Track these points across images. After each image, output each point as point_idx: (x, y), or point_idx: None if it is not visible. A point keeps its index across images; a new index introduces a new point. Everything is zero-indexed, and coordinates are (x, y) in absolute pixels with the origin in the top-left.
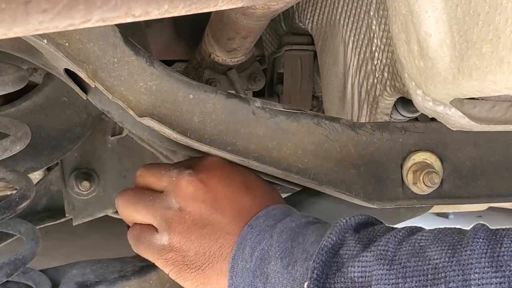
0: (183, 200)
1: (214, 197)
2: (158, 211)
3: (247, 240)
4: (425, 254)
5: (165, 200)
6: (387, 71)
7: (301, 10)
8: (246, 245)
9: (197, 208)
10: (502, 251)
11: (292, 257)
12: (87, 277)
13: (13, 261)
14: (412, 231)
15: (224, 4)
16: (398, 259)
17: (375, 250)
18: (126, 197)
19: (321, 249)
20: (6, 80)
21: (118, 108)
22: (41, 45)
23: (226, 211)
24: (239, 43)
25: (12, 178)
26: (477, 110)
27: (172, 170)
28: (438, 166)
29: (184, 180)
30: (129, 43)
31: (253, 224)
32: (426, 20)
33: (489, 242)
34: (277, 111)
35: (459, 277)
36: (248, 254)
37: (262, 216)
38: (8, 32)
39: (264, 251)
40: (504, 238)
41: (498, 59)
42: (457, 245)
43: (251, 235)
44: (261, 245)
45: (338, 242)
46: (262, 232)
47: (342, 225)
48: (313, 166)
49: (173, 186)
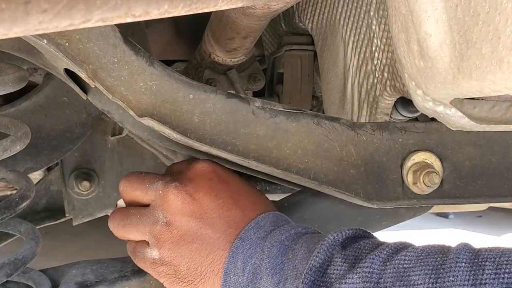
0: (170, 215)
1: (202, 211)
2: (146, 227)
3: (239, 254)
4: (409, 278)
5: (153, 215)
6: (387, 71)
7: (301, 10)
8: (237, 259)
9: (185, 222)
10: (484, 279)
11: (283, 274)
12: (87, 277)
13: (13, 261)
14: (397, 248)
15: (224, 4)
16: (384, 282)
17: (361, 272)
18: (115, 221)
19: (309, 269)
20: (6, 80)
21: (118, 108)
22: (41, 45)
23: (215, 225)
24: (239, 43)
25: (12, 178)
26: (477, 110)
27: (157, 182)
28: (438, 166)
29: (170, 193)
30: (129, 43)
31: (243, 237)
32: (426, 20)
33: (471, 267)
34: (277, 111)
35: None
36: (240, 269)
37: (252, 228)
38: (8, 32)
39: (256, 266)
40: (486, 262)
41: (498, 59)
42: (439, 270)
43: (242, 248)
44: (252, 259)
45: (326, 260)
46: (253, 246)
47: (330, 242)
48: (313, 166)
49: (160, 199)
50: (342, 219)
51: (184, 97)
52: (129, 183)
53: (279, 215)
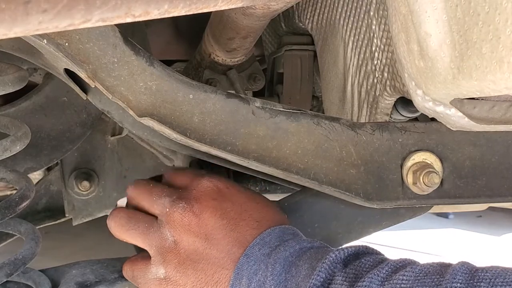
0: (177, 234)
1: (207, 231)
2: (153, 241)
3: (244, 270)
4: None
5: (160, 230)
6: (387, 71)
7: (301, 10)
8: (243, 276)
9: (191, 242)
10: None
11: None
12: (87, 277)
13: (13, 261)
14: (396, 267)
15: (224, 4)
16: None
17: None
18: (119, 221)
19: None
20: (6, 80)
21: (118, 108)
22: (41, 45)
23: (220, 244)
24: (239, 43)
25: (12, 178)
26: (477, 110)
27: (165, 197)
28: (438, 166)
29: (177, 213)
30: (129, 43)
31: (249, 253)
32: (426, 20)
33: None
34: (277, 111)
35: None
36: (245, 285)
37: (257, 245)
38: (8, 32)
39: (260, 282)
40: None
41: (498, 59)
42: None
43: (247, 265)
44: (257, 276)
45: (327, 278)
46: (257, 262)
47: (332, 260)
48: (313, 166)
49: (167, 217)
50: (342, 219)
51: (184, 97)
52: (137, 192)
53: (285, 229)
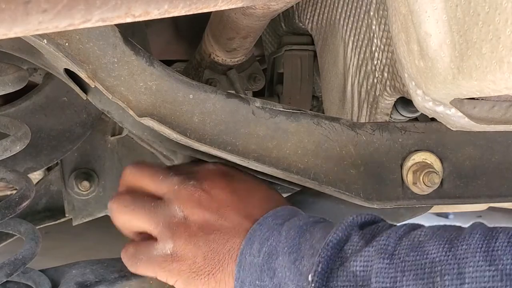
0: (187, 208)
1: (218, 205)
2: (161, 218)
3: (256, 236)
4: (423, 248)
5: (168, 207)
6: (387, 71)
7: (301, 10)
8: (254, 241)
9: (201, 215)
10: (496, 246)
11: (300, 253)
12: (87, 277)
13: (13, 261)
14: (413, 227)
15: (224, 4)
16: (398, 253)
17: (377, 245)
18: (123, 202)
19: (327, 244)
20: (6, 80)
21: (118, 108)
22: (41, 45)
23: (231, 216)
24: (239, 43)
25: (12, 178)
26: (477, 110)
27: (173, 177)
28: (438, 166)
29: (187, 189)
30: (129, 43)
31: (261, 222)
32: (426, 20)
33: (484, 237)
34: (277, 111)
35: (454, 270)
36: (256, 250)
37: (270, 216)
38: (8, 32)
39: (272, 247)
40: (500, 234)
41: (498, 59)
42: (454, 240)
43: (259, 231)
44: (269, 241)
45: (344, 238)
46: (270, 230)
47: (349, 222)
48: (313, 166)
49: (175, 194)
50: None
51: (184, 97)
52: (139, 170)
53: (296, 209)
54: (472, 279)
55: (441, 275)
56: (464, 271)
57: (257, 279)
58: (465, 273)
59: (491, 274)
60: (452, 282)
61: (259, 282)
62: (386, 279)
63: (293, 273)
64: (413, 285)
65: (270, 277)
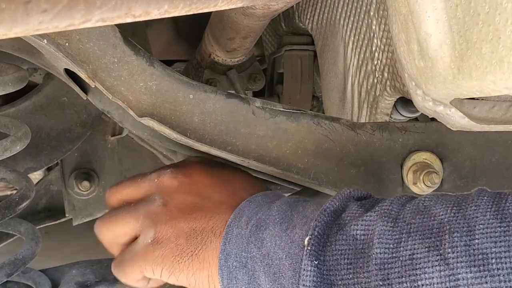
0: (167, 195)
1: (198, 188)
2: (140, 212)
3: (245, 211)
4: (430, 212)
5: (149, 199)
6: (387, 71)
7: (301, 10)
8: (243, 215)
9: (182, 199)
10: (507, 206)
11: (291, 222)
12: (87, 277)
13: (13, 261)
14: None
15: (224, 4)
16: (403, 217)
17: (379, 210)
18: (104, 216)
19: (324, 210)
20: (6, 80)
21: (118, 108)
22: (41, 45)
23: (213, 197)
24: (239, 43)
25: (12, 178)
26: (477, 110)
27: (150, 174)
28: (438, 166)
29: (166, 178)
30: (129, 43)
31: (251, 199)
32: (426, 20)
33: (493, 199)
34: (277, 111)
35: (463, 228)
36: (244, 222)
37: (260, 195)
38: (8, 32)
39: (261, 220)
40: (509, 196)
41: (498, 59)
42: (461, 203)
43: (248, 207)
44: (258, 214)
45: (341, 208)
46: (259, 206)
47: (346, 193)
48: (313, 166)
49: (156, 185)
50: None
51: (184, 97)
52: (117, 186)
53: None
54: (482, 235)
55: (450, 233)
56: (474, 228)
57: (243, 251)
58: (475, 230)
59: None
60: (461, 238)
61: (246, 253)
62: (389, 241)
63: (284, 241)
64: (419, 243)
65: (258, 247)
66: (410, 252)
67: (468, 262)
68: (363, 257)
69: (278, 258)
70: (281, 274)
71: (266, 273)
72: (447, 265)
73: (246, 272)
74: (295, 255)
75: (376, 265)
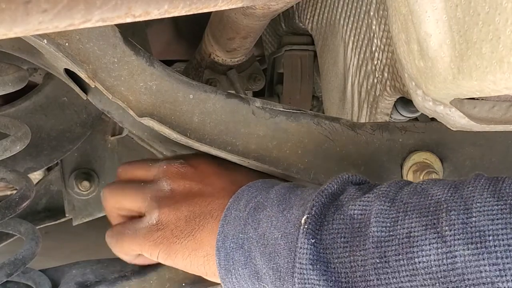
0: (174, 182)
1: (203, 177)
2: (148, 194)
3: (244, 195)
4: (427, 192)
5: (156, 184)
6: (387, 71)
7: (301, 10)
8: (242, 198)
9: (187, 185)
10: (503, 186)
11: (289, 204)
12: (87, 277)
13: (13, 261)
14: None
15: (224, 4)
16: (400, 197)
17: (377, 191)
18: (114, 185)
19: (322, 192)
20: (6, 80)
21: (118, 108)
22: (41, 45)
23: (215, 183)
24: (239, 43)
25: (12, 178)
26: (477, 110)
27: (161, 161)
28: (438, 166)
29: (175, 166)
30: (129, 43)
31: (251, 185)
32: (426, 20)
33: (490, 181)
34: (277, 111)
35: (460, 206)
36: (243, 205)
37: (260, 181)
38: (8, 32)
39: (260, 203)
40: (505, 178)
41: (498, 59)
42: (459, 184)
43: (248, 191)
44: (257, 198)
45: (339, 191)
46: (259, 190)
47: (344, 178)
48: (313, 166)
49: (164, 172)
50: None
51: (184, 97)
52: (130, 164)
53: None
54: (479, 213)
55: (447, 211)
56: (471, 206)
57: (240, 232)
58: (472, 208)
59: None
60: (459, 216)
61: (243, 235)
62: (386, 219)
63: (280, 222)
64: (416, 222)
65: (254, 228)
66: (407, 230)
67: (465, 239)
68: (360, 236)
69: (274, 238)
70: (277, 254)
71: (262, 253)
72: (444, 242)
73: (242, 253)
74: (291, 235)
75: (373, 243)
